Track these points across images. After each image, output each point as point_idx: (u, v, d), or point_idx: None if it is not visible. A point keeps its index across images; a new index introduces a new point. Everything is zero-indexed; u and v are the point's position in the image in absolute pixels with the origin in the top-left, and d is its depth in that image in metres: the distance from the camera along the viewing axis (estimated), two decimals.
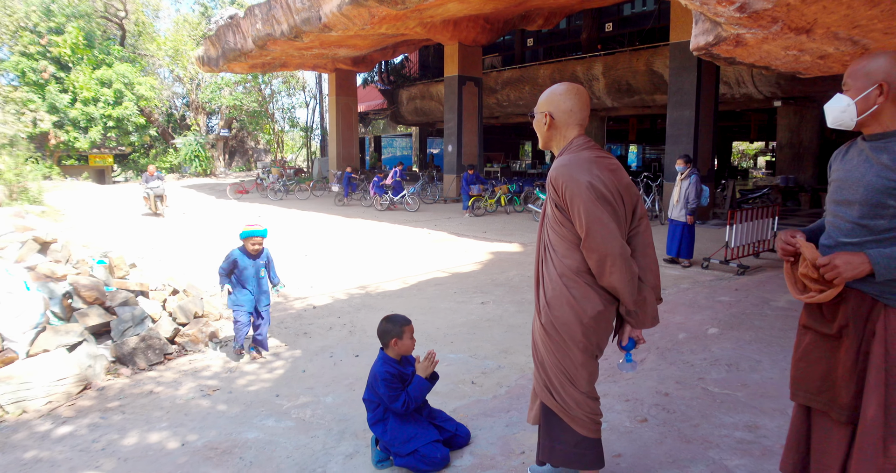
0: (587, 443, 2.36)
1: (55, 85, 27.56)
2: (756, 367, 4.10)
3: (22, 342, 4.24)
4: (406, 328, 3.08)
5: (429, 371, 3.05)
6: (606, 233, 2.19)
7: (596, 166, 2.27)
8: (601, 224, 2.19)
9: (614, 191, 2.26)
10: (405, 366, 3.14)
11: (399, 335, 3.05)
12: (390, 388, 3.00)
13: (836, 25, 5.46)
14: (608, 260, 2.20)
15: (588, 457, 2.37)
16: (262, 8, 16.97)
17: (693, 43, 6.49)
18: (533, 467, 2.75)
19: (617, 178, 2.30)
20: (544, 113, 2.42)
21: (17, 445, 3.45)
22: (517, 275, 7.76)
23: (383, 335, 3.10)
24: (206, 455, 3.25)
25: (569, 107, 2.38)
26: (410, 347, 3.09)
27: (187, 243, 10.96)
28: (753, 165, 44.75)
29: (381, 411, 3.08)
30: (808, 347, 1.99)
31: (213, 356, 4.92)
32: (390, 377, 3.02)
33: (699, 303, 6.01)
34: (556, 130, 2.42)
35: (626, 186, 2.33)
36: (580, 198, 2.20)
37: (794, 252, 2.01)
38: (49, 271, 4.99)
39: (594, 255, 2.22)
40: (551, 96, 2.42)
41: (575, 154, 2.33)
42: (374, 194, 17.38)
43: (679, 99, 13.18)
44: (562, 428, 2.38)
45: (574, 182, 2.22)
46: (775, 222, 8.65)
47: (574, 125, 2.40)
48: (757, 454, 2.88)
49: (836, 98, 1.97)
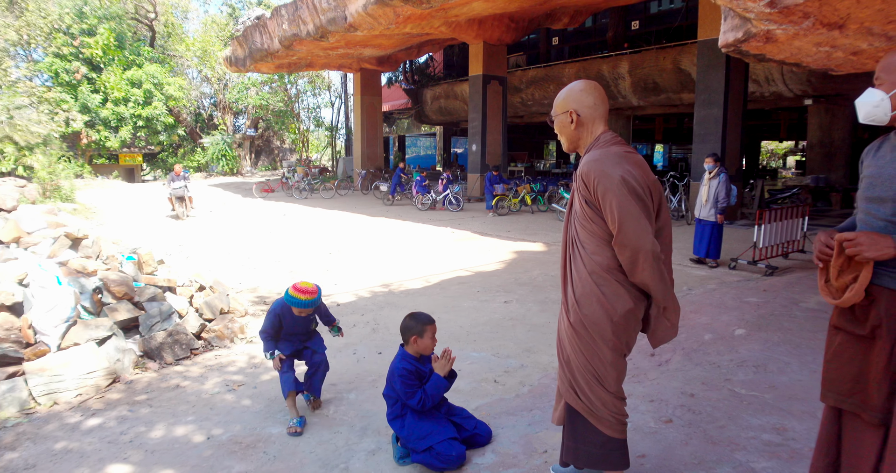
0: (613, 444, 2.33)
1: (87, 85, 28.15)
2: (784, 369, 4.02)
3: (54, 335, 4.34)
4: (428, 327, 3.07)
5: (446, 370, 3.04)
6: (639, 228, 2.16)
7: (626, 161, 2.24)
8: (634, 219, 2.16)
9: (644, 186, 2.24)
10: (424, 364, 3.15)
11: (420, 333, 3.06)
12: (407, 384, 3.01)
13: (871, 20, 5.33)
14: (640, 256, 2.17)
15: (613, 458, 2.33)
16: (289, 8, 17.13)
17: (722, 39, 6.40)
18: (555, 467, 2.73)
19: (645, 173, 2.28)
20: (569, 111, 2.37)
21: (47, 436, 3.53)
22: (541, 274, 7.72)
23: (405, 331, 3.11)
24: (230, 448, 3.29)
25: (591, 101, 2.35)
26: (430, 346, 3.08)
27: (213, 240, 11.11)
28: (783, 165, 43.95)
29: (399, 407, 3.09)
30: (839, 348, 1.94)
31: (239, 352, 4.97)
32: (407, 374, 3.03)
33: (726, 304, 5.91)
34: (583, 127, 2.38)
35: (653, 182, 2.31)
36: (612, 193, 2.17)
37: (829, 256, 1.95)
38: (80, 267, 5.09)
39: (626, 251, 2.19)
40: (571, 94, 2.39)
41: (605, 149, 2.30)
42: (417, 192, 17.34)
43: (707, 97, 12.99)
44: (587, 429, 2.35)
45: (606, 177, 2.19)
46: (805, 223, 8.48)
47: (599, 120, 2.37)
48: (785, 456, 2.83)
49: (868, 92, 1.91)
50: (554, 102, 2.46)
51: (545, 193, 16.63)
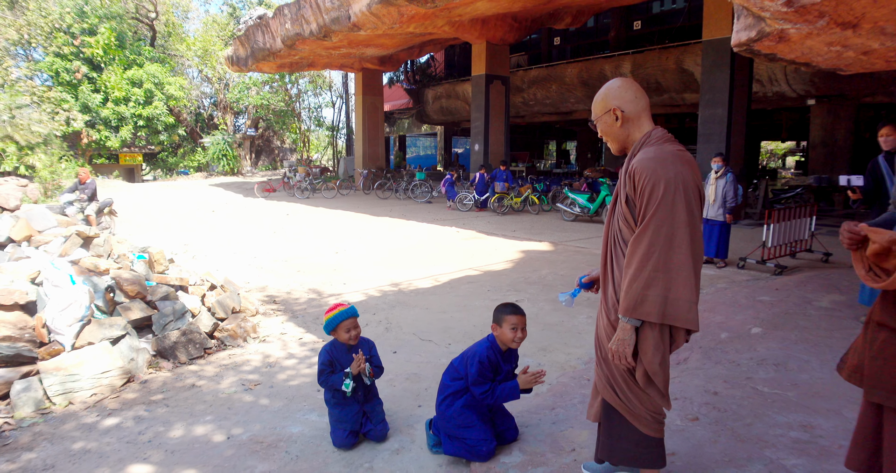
0: (649, 442, 2.30)
1: (88, 85, 28.13)
2: (805, 367, 4.01)
3: (68, 334, 4.31)
4: (506, 317, 2.93)
5: (529, 385, 2.95)
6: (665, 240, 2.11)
7: (680, 162, 2.18)
8: (667, 226, 2.12)
9: (694, 190, 2.18)
10: (506, 359, 3.05)
11: (498, 321, 2.95)
12: (481, 373, 2.93)
13: (885, 20, 5.32)
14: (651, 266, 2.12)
15: (650, 456, 2.31)
16: (292, 8, 17.10)
17: (734, 39, 6.37)
18: (587, 464, 2.71)
19: (695, 175, 2.22)
20: (611, 110, 2.31)
21: (65, 436, 3.50)
22: (550, 273, 7.70)
23: (493, 319, 3.02)
24: (252, 448, 3.27)
25: (632, 96, 2.30)
26: (510, 338, 2.93)
27: (218, 240, 11.07)
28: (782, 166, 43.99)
29: (455, 388, 3.04)
30: (882, 344, 1.92)
31: (252, 351, 4.95)
32: (487, 363, 2.94)
33: (739, 302, 5.90)
34: (629, 124, 2.31)
35: (700, 184, 2.25)
36: (657, 195, 2.12)
37: (859, 240, 1.94)
38: (92, 265, 5.07)
39: (638, 249, 2.15)
40: (610, 92, 2.33)
41: (659, 146, 2.23)
42: (445, 192, 17.12)
43: (711, 97, 12.99)
44: (624, 426, 2.32)
45: (657, 177, 2.13)
46: (813, 222, 8.47)
47: (644, 114, 2.31)
48: (815, 453, 2.81)
49: None
50: (592, 106, 2.40)
51: (548, 192, 16.63)
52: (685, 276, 2.12)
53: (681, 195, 2.11)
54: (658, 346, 2.18)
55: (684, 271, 2.12)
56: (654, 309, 2.12)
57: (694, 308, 2.13)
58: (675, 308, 2.12)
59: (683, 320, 2.13)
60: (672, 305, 2.12)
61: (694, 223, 2.15)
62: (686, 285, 2.12)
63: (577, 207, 13.66)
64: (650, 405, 2.28)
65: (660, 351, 2.18)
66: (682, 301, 2.11)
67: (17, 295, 4.32)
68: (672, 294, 2.11)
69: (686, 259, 2.12)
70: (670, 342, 2.21)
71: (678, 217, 2.11)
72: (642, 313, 2.14)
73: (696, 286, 2.15)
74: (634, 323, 2.18)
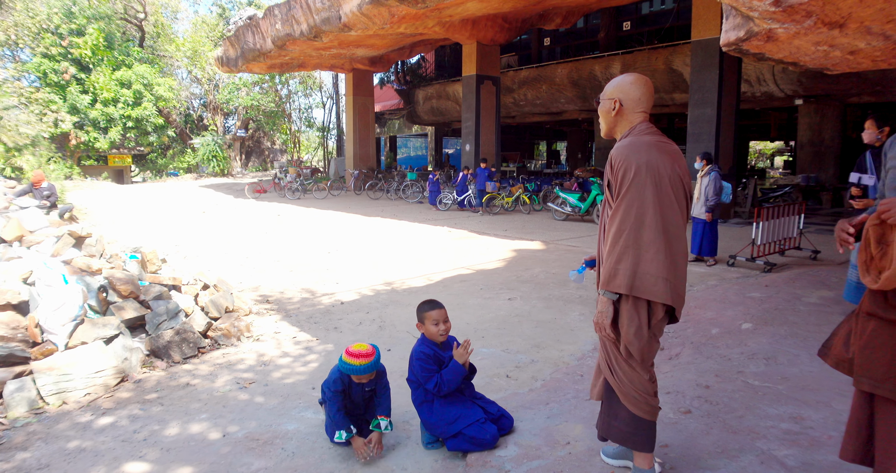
0: (639, 423, 2.43)
1: (76, 86, 27.94)
2: (794, 361, 4.06)
3: (61, 334, 4.30)
4: (426, 314, 3.12)
5: (464, 359, 3.07)
6: (637, 219, 2.29)
7: (656, 150, 2.35)
8: (637, 207, 2.29)
9: (669, 177, 2.33)
10: (445, 350, 3.17)
11: (421, 319, 3.15)
12: (424, 368, 3.06)
13: (871, 20, 5.40)
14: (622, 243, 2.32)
15: (638, 438, 2.44)
16: (282, 8, 17.07)
17: (723, 38, 6.44)
18: (605, 449, 2.82)
19: (676, 164, 2.38)
20: (613, 99, 2.49)
21: (59, 435, 3.49)
22: (542, 272, 7.74)
23: (417, 318, 3.20)
24: (248, 445, 3.27)
25: (637, 95, 2.47)
26: (434, 333, 3.10)
27: (210, 241, 11.03)
28: (770, 165, 44.33)
29: (422, 392, 3.12)
30: (873, 334, 1.96)
31: (246, 350, 4.95)
32: (425, 357, 3.08)
33: (730, 299, 5.96)
34: (621, 117, 2.50)
35: (684, 173, 2.40)
36: (630, 177, 2.30)
37: (854, 235, 1.98)
38: (85, 265, 5.05)
39: (613, 227, 2.35)
40: (621, 85, 2.50)
41: (637, 137, 2.41)
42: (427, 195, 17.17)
43: (700, 97, 13.09)
44: (619, 406, 2.48)
45: (629, 162, 2.31)
46: (801, 220, 8.57)
47: (639, 113, 2.48)
48: (805, 444, 2.86)
49: None
50: (605, 87, 2.58)
51: (539, 192, 16.68)
52: (653, 253, 2.28)
53: (651, 179, 2.29)
54: (633, 318, 2.34)
55: (653, 249, 2.28)
56: (623, 282, 2.30)
57: (662, 283, 2.28)
58: (643, 282, 2.29)
59: (650, 292, 2.30)
60: (640, 278, 2.29)
61: (666, 206, 2.31)
62: (654, 262, 2.28)
63: (568, 206, 13.72)
64: (639, 385, 2.41)
65: (634, 323, 2.34)
66: (650, 275, 2.29)
67: (9, 295, 4.31)
68: (641, 268, 2.29)
69: (656, 238, 2.28)
70: (649, 316, 2.37)
71: (647, 199, 2.28)
72: (614, 285, 2.33)
73: (669, 265, 2.29)
74: (611, 296, 2.37)
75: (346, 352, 3.14)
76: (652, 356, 2.44)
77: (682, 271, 2.36)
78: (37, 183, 10.89)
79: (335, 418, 3.12)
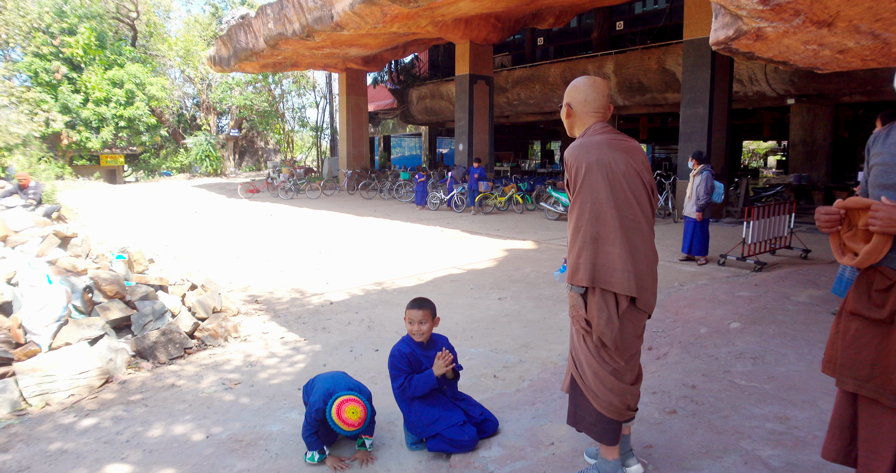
0: (600, 417, 2.49)
1: (67, 85, 27.75)
2: (782, 360, 4.06)
3: (45, 335, 4.26)
4: (407, 311, 3.13)
5: (440, 371, 3.00)
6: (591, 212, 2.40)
7: (608, 148, 2.44)
8: (590, 201, 2.40)
9: (622, 172, 2.41)
10: (428, 349, 3.15)
11: (405, 315, 3.16)
12: (394, 367, 3.08)
13: (859, 18, 5.40)
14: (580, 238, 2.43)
15: (600, 430, 2.50)
16: (274, 7, 17.01)
17: (713, 37, 6.44)
18: (589, 450, 2.86)
19: (631, 159, 2.46)
20: (565, 103, 2.66)
21: (41, 437, 3.46)
22: (533, 271, 7.73)
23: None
24: (231, 447, 3.25)
25: (583, 98, 2.58)
26: (414, 332, 3.09)
27: (201, 240, 10.99)
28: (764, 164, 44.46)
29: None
30: (856, 333, 1.95)
31: (233, 350, 4.92)
32: (399, 356, 3.08)
33: (719, 298, 5.96)
34: (574, 118, 2.64)
35: (641, 168, 2.48)
36: (581, 175, 2.42)
37: (837, 220, 1.97)
38: (70, 266, 5.01)
39: (572, 224, 2.47)
40: (570, 89, 2.64)
41: (588, 137, 2.51)
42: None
43: (692, 97, 13.10)
44: (583, 398, 2.55)
45: (579, 160, 2.43)
46: (792, 220, 8.58)
47: (591, 114, 2.59)
48: (790, 444, 2.85)
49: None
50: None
51: (532, 192, 16.67)
52: (610, 246, 2.38)
53: (602, 175, 2.38)
54: (602, 308, 2.41)
55: (609, 242, 2.38)
56: (585, 275, 2.40)
57: (620, 274, 2.36)
58: (602, 274, 2.38)
59: (610, 283, 2.38)
60: (599, 271, 2.39)
61: (621, 200, 2.40)
62: (611, 254, 2.37)
63: (560, 205, 13.72)
64: (604, 382, 2.46)
65: (604, 313, 2.41)
66: (608, 268, 2.38)
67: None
68: (599, 261, 2.39)
69: (612, 231, 2.37)
70: (616, 306, 2.43)
71: (601, 195, 2.38)
72: (577, 279, 2.43)
73: (627, 256, 2.37)
74: (577, 290, 2.47)
75: (338, 415, 2.91)
76: (629, 348, 2.47)
77: (644, 262, 2.42)
78: (24, 184, 10.88)
79: (308, 440, 3.03)
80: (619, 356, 2.45)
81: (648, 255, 2.44)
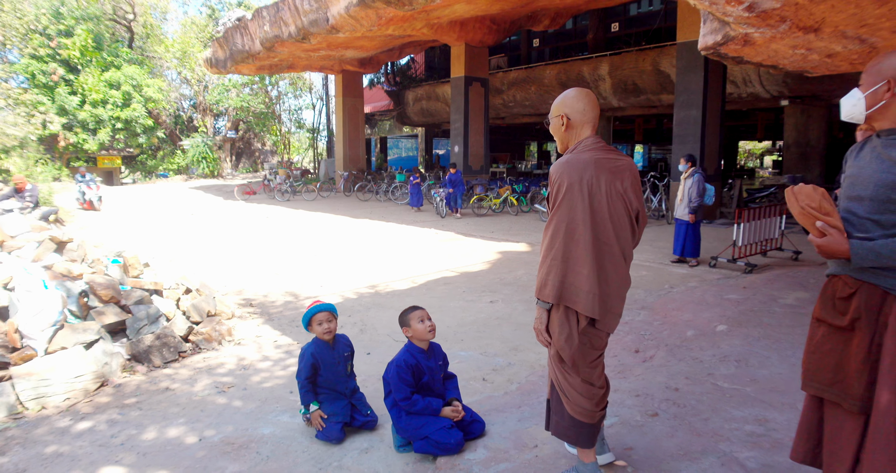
0: (574, 422, 2.54)
1: (64, 87, 27.78)
2: (765, 363, 4.14)
3: (40, 339, 4.32)
4: (410, 314, 3.18)
5: (448, 417, 3.13)
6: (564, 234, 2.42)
7: (595, 167, 2.42)
8: (564, 222, 2.42)
9: (609, 191, 2.42)
10: (430, 358, 3.21)
11: (406, 323, 3.19)
12: (401, 378, 3.10)
13: (844, 24, 5.48)
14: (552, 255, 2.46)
15: (574, 434, 2.56)
16: (270, 10, 17.07)
17: (701, 42, 6.52)
18: (568, 446, 2.93)
19: (619, 179, 2.45)
20: (560, 115, 2.57)
21: (37, 440, 3.52)
22: (525, 274, 7.80)
23: (400, 326, 3.23)
24: (223, 449, 3.31)
25: (581, 107, 2.54)
26: (423, 330, 3.14)
27: (197, 243, 11.04)
28: (760, 165, 44.62)
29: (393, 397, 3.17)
30: (821, 339, 2.03)
31: (227, 354, 4.98)
32: (405, 367, 3.12)
33: (707, 301, 6.04)
34: (572, 130, 2.57)
35: (626, 190, 2.46)
36: (562, 193, 2.43)
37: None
38: (66, 270, 5.07)
39: (546, 240, 2.49)
40: (564, 100, 2.58)
41: (577, 154, 2.49)
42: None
43: (686, 99, 13.19)
44: (559, 403, 2.60)
45: (562, 179, 2.43)
46: (783, 221, 8.66)
47: (587, 124, 2.55)
48: (767, 446, 2.92)
49: (851, 92, 2.04)
50: (551, 106, 2.64)
51: (527, 194, 16.74)
52: (579, 267, 2.40)
53: (583, 196, 2.39)
54: (563, 325, 2.47)
55: (579, 263, 2.40)
56: (551, 292, 2.43)
57: (585, 296, 2.40)
58: (568, 293, 2.42)
59: (574, 303, 2.42)
60: (567, 289, 2.42)
61: (599, 221, 2.41)
62: (579, 275, 2.40)
63: None
64: (577, 389, 2.52)
65: (565, 330, 2.46)
66: (574, 288, 2.41)
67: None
68: (567, 280, 2.42)
69: (583, 253, 2.39)
70: (577, 324, 2.47)
71: (578, 215, 2.40)
72: (544, 295, 2.47)
73: (595, 279, 2.39)
74: (544, 305, 2.51)
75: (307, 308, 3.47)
76: (586, 363, 2.51)
77: (613, 285, 2.44)
78: (20, 187, 10.99)
79: (303, 399, 3.44)
80: (575, 371, 2.50)
81: (617, 279, 2.46)
